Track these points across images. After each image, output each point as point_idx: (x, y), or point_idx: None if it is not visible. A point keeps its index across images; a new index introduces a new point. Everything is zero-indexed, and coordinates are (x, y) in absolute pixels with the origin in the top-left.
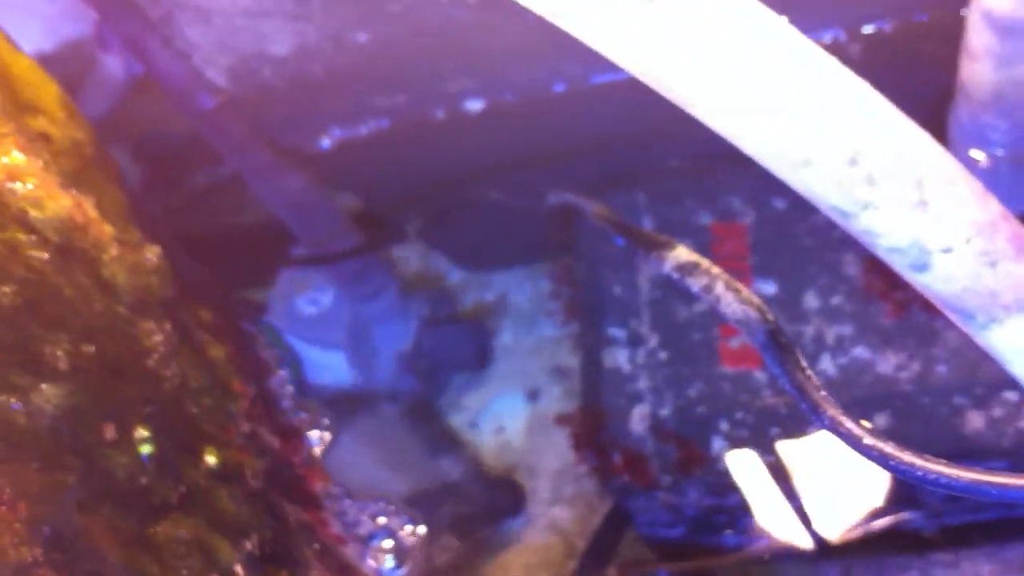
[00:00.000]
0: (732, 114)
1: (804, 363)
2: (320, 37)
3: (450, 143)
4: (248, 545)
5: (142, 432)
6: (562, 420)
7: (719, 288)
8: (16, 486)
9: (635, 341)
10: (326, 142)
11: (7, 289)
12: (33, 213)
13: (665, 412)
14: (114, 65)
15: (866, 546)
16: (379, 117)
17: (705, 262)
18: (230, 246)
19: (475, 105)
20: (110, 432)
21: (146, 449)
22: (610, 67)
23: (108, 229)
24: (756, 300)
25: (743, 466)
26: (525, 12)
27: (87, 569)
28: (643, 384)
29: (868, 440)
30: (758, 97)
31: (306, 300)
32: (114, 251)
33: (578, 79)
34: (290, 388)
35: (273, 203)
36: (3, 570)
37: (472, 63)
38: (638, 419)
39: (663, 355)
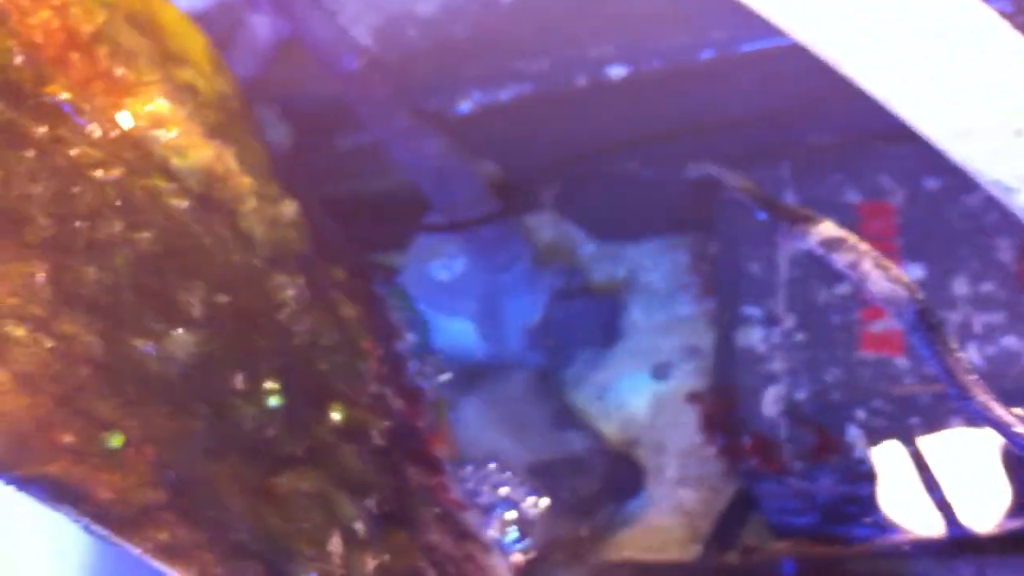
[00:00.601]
0: (894, 80)
1: (954, 345)
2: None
3: (591, 111)
4: (369, 503)
5: (271, 384)
6: (691, 399)
7: (867, 265)
8: (145, 429)
9: (771, 321)
10: (466, 106)
11: (146, 235)
12: (175, 161)
13: (800, 396)
14: (262, 25)
15: (1004, 546)
16: (520, 82)
17: (852, 237)
18: (367, 210)
19: (618, 72)
20: (240, 382)
21: (274, 401)
22: (759, 34)
23: (247, 181)
24: (905, 278)
25: (879, 456)
26: None
27: (210, 515)
28: (778, 366)
29: (1020, 428)
30: (922, 62)
31: (439, 267)
32: (252, 203)
33: (726, 46)
34: (418, 353)
35: (411, 168)
36: (128, 512)
37: (617, 28)
38: (771, 402)
39: (800, 337)
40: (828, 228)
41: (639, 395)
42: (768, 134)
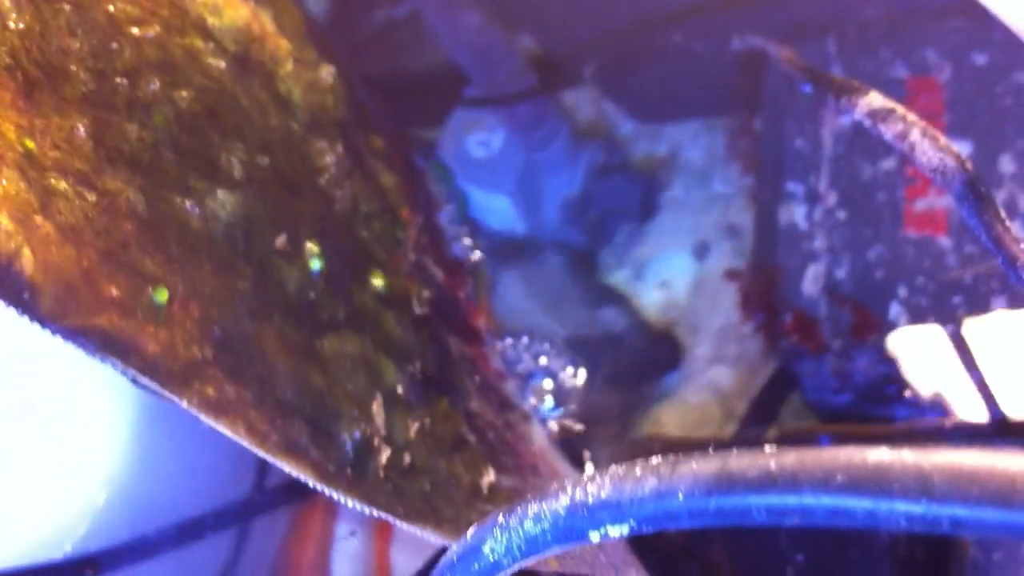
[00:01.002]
0: None
1: (1002, 214)
2: None
3: None
4: (411, 369)
5: (312, 247)
6: (730, 277)
7: (915, 135)
8: (189, 286)
9: (814, 198)
10: None
11: (185, 94)
12: (212, 20)
13: (841, 274)
14: None
15: None
16: None
17: (900, 108)
18: (405, 85)
19: None
20: (281, 243)
21: (316, 264)
22: None
23: (285, 44)
24: (954, 149)
25: (920, 335)
26: None
27: (255, 372)
28: (819, 243)
29: None
30: None
31: (477, 142)
32: (290, 67)
33: None
34: (456, 224)
35: (449, 42)
36: (175, 366)
37: None
38: (812, 279)
39: (842, 214)
40: (876, 99)
41: (677, 273)
42: (815, 8)
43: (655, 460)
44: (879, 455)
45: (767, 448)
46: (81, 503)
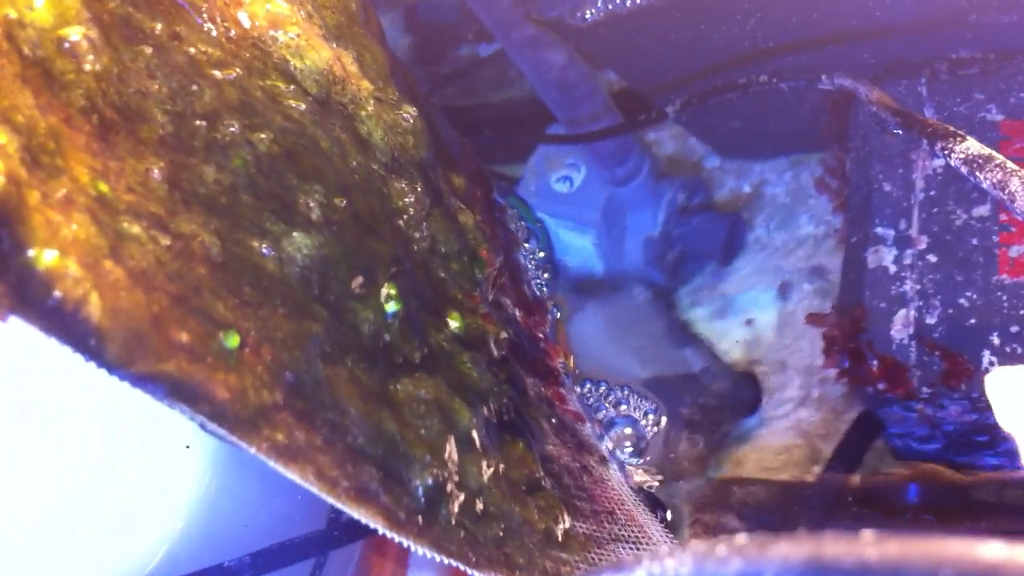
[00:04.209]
0: None
1: None
2: None
3: (721, 20)
4: (486, 411)
5: (389, 290)
6: (815, 319)
7: (1015, 184)
8: (261, 330)
9: (904, 242)
10: (591, 14)
11: (265, 136)
12: (294, 63)
13: (931, 319)
14: None
15: None
16: None
17: (999, 156)
18: (489, 120)
19: None
20: (358, 286)
21: (392, 307)
22: None
23: (367, 85)
24: None
25: (1013, 384)
26: None
27: (327, 418)
28: (909, 288)
29: None
30: None
31: (559, 178)
32: (371, 108)
33: None
34: (536, 263)
35: (534, 78)
36: (244, 412)
37: None
38: (901, 324)
39: (933, 258)
40: (973, 145)
41: (760, 313)
42: (906, 48)
43: (741, 538)
44: (993, 551)
45: (862, 531)
46: (159, 531)
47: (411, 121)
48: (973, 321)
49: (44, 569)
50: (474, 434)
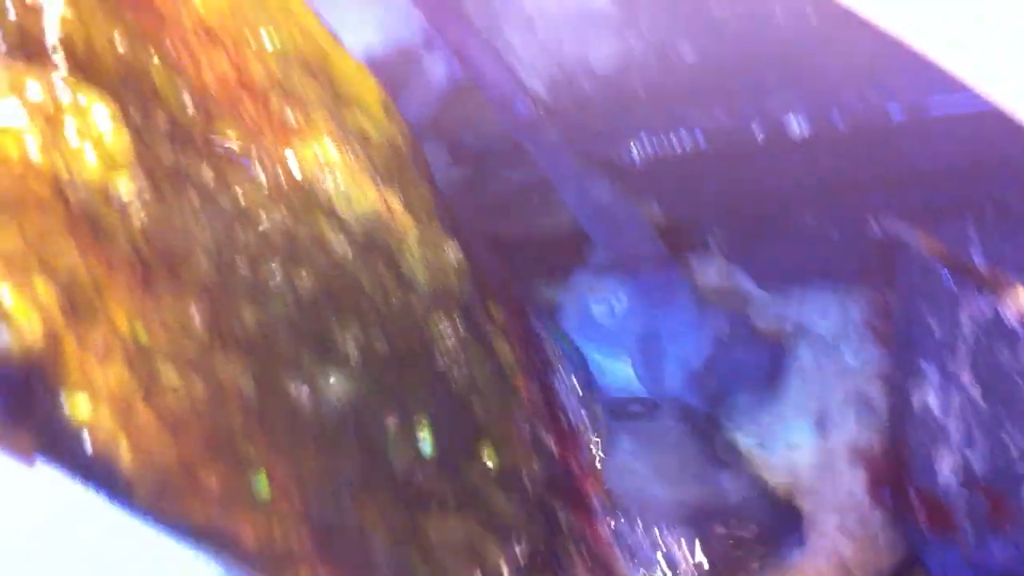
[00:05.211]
0: None
1: None
2: (643, 47)
3: (768, 163)
4: (519, 549)
5: (424, 427)
6: (859, 455)
7: None
8: (293, 472)
9: (950, 381)
10: (637, 153)
11: (306, 276)
12: (340, 205)
13: (977, 461)
14: (438, 68)
15: None
16: (694, 131)
17: None
18: (530, 244)
19: (798, 125)
20: (393, 424)
21: (427, 445)
22: (950, 93)
23: (411, 223)
24: None
25: None
26: (864, 29)
27: (355, 559)
28: (955, 428)
29: None
30: None
31: (600, 305)
32: (414, 245)
33: (915, 104)
34: (573, 391)
35: (579, 210)
36: (270, 555)
37: (800, 80)
38: (946, 464)
39: (980, 400)
40: (1018, 296)
41: (802, 445)
42: (955, 190)
43: None
44: None
45: None
46: None
47: (453, 258)
48: (1020, 464)
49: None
50: (504, 570)
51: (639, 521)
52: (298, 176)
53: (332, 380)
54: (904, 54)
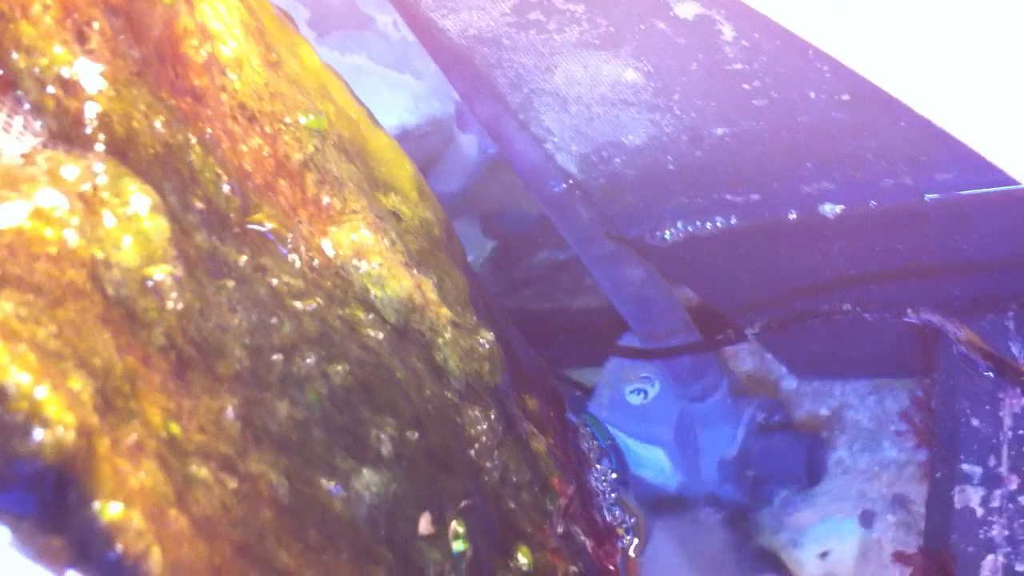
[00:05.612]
0: None
1: None
2: (676, 129)
3: (802, 245)
4: None
5: (457, 527)
6: (900, 558)
7: None
8: None
9: (992, 481)
10: (671, 235)
11: (341, 368)
12: (375, 292)
13: (1021, 566)
14: (471, 143)
15: None
16: (728, 214)
17: None
18: (564, 325)
19: (833, 209)
20: (425, 525)
21: (459, 546)
22: (987, 178)
23: (445, 312)
24: None
25: None
26: (900, 112)
27: None
28: (998, 531)
29: None
30: None
31: (634, 391)
32: (448, 335)
33: (953, 189)
34: (608, 484)
35: (611, 291)
36: None
37: (835, 164)
38: (989, 570)
39: (1023, 500)
40: None
41: (841, 541)
42: (996, 281)
43: None
44: None
45: None
46: None
47: (488, 347)
48: None
49: None
50: None
51: None
52: (334, 262)
53: (365, 477)
54: (942, 138)
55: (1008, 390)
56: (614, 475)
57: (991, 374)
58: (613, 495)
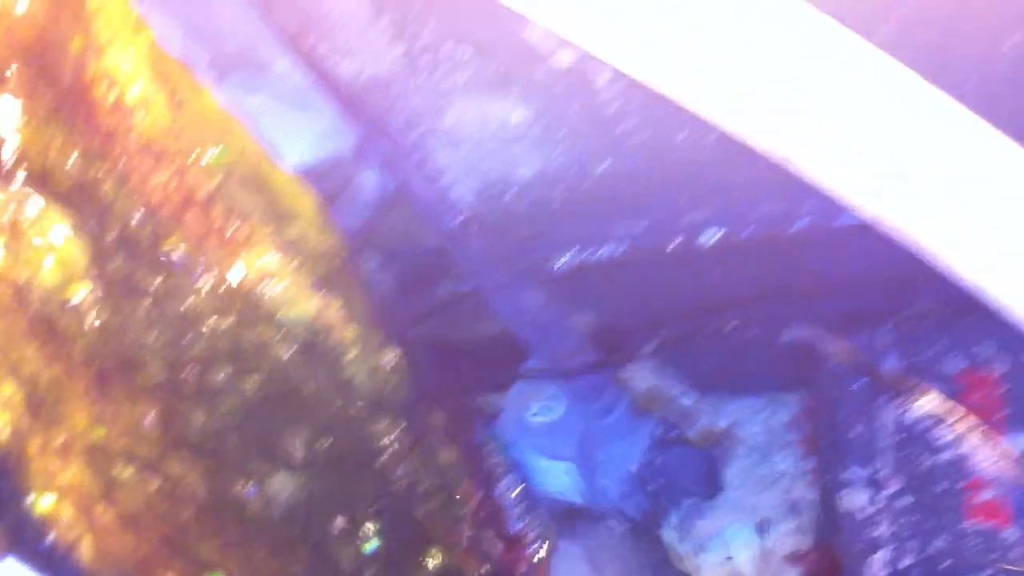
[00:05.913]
0: (983, 266)
1: None
2: (563, 163)
3: (686, 269)
4: None
5: (370, 527)
6: (794, 558)
7: (972, 440)
8: (245, 570)
9: (876, 484)
10: (563, 263)
11: (253, 381)
12: (283, 312)
13: (906, 563)
14: (371, 180)
15: None
16: (616, 242)
17: (957, 412)
18: (467, 354)
19: (712, 236)
20: (339, 523)
21: (372, 544)
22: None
23: (352, 330)
24: (1013, 457)
25: None
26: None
27: None
28: (883, 531)
29: None
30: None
31: (538, 411)
32: (355, 352)
33: (823, 215)
34: (515, 496)
35: (511, 318)
36: None
37: (709, 195)
38: (878, 567)
39: (906, 502)
40: (932, 400)
41: (740, 549)
42: (869, 298)
43: None
44: None
45: None
46: None
47: (393, 363)
48: (947, 564)
49: None
50: None
51: None
52: (244, 285)
53: (279, 480)
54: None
55: (882, 399)
56: (521, 487)
57: (864, 384)
58: (522, 504)
